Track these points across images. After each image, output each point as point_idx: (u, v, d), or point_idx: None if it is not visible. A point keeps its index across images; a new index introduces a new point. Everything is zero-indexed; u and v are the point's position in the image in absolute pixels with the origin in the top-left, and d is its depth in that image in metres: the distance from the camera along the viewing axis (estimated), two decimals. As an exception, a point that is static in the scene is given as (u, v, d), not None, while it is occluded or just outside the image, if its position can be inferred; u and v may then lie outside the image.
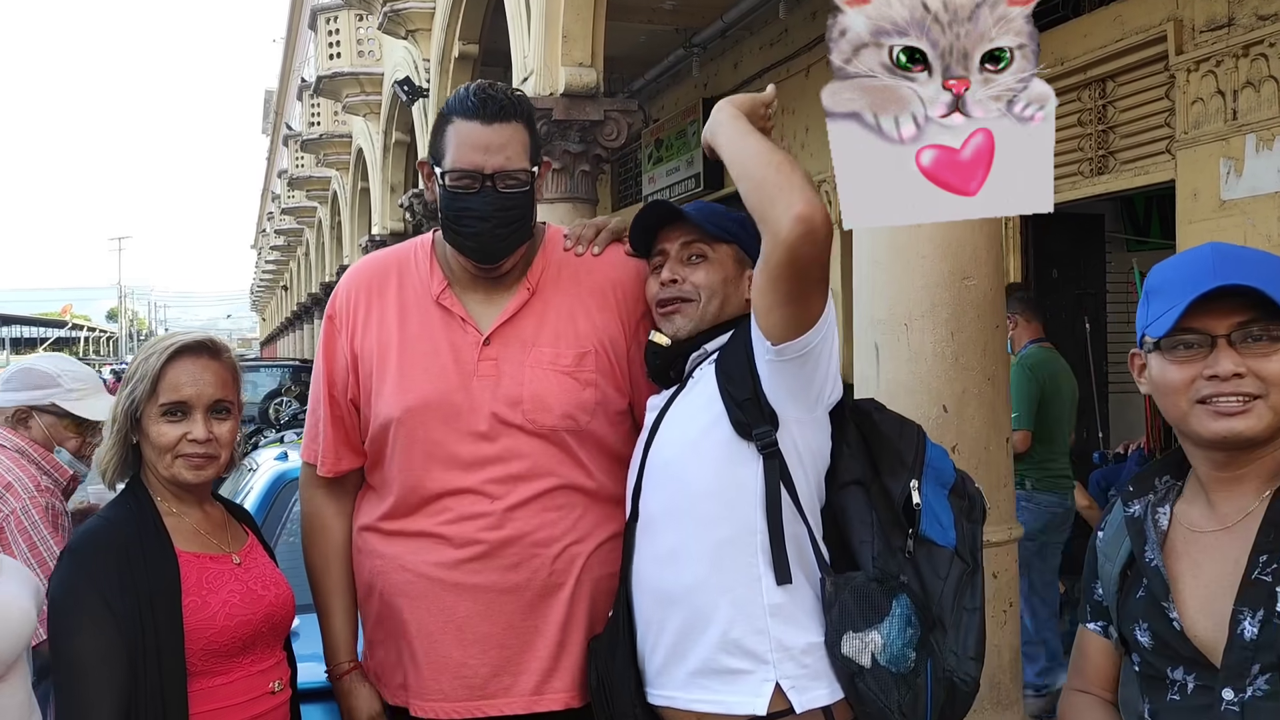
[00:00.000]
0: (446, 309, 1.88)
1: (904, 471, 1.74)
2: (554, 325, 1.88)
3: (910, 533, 1.72)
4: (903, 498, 1.73)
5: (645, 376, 1.89)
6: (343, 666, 1.95)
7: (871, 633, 1.64)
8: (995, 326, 3.04)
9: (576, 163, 6.51)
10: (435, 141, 1.86)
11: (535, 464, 1.84)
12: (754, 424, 1.68)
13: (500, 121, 1.80)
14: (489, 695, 1.84)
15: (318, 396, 1.97)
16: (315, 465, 1.99)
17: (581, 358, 1.86)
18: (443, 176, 1.82)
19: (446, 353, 1.86)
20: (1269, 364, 1.35)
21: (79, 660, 1.65)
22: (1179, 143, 5.71)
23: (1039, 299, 7.12)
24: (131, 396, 1.80)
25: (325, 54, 14.97)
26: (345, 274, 2.02)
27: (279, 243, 37.05)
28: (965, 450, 2.95)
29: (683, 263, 1.83)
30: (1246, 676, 1.30)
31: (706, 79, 10.61)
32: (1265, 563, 1.33)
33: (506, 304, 1.88)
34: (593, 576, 1.87)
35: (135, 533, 1.75)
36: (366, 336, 1.91)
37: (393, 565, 1.89)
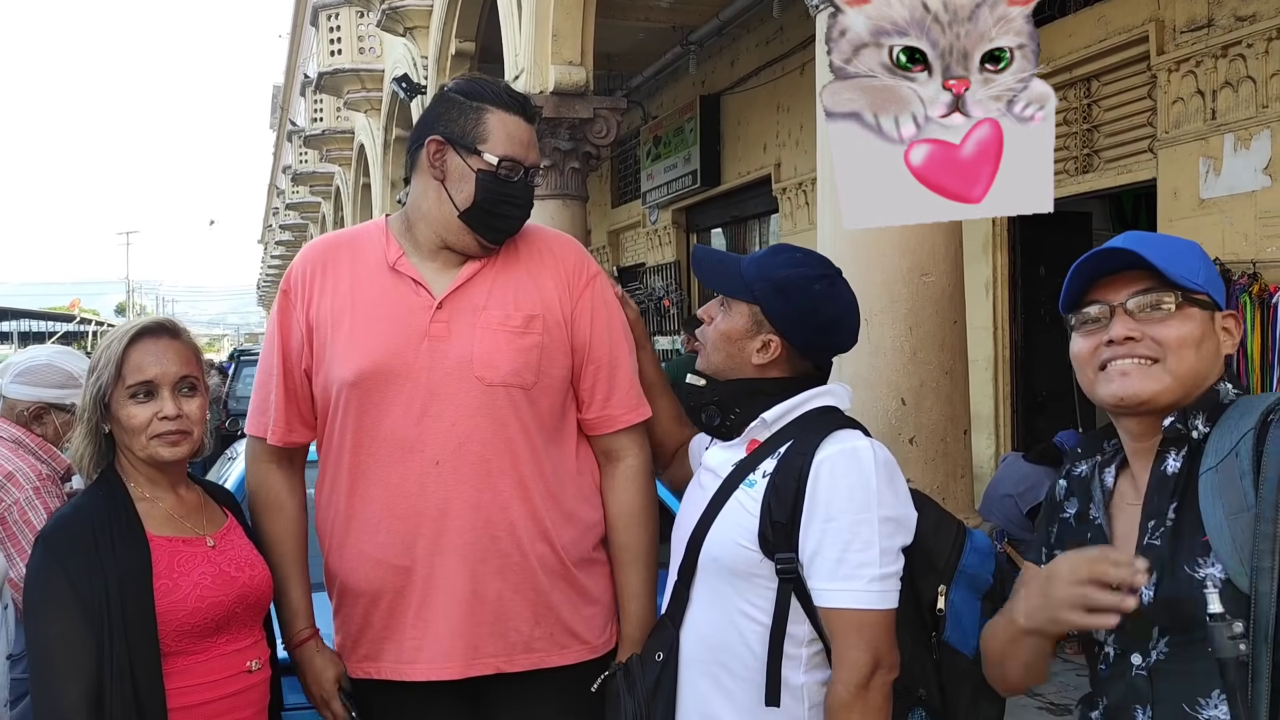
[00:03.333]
0: (400, 273, 1.95)
1: (934, 576, 1.71)
2: (503, 292, 1.95)
3: (934, 637, 1.70)
4: (930, 600, 1.70)
5: (585, 344, 1.98)
6: (302, 634, 2.01)
7: None
8: (954, 322, 3.12)
9: (566, 160, 6.58)
10: (464, 125, 1.92)
11: (483, 423, 1.89)
12: (779, 547, 1.65)
13: (532, 121, 1.98)
14: (433, 660, 1.90)
15: (269, 370, 2.01)
16: (264, 438, 2.03)
17: (530, 320, 1.93)
18: (497, 164, 1.91)
19: (400, 315, 1.92)
20: (1164, 329, 1.40)
21: (45, 645, 1.71)
22: (1160, 142, 5.77)
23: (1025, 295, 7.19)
24: (98, 384, 1.83)
25: (327, 50, 15.06)
26: (300, 252, 2.08)
27: (285, 238, 37.15)
28: (923, 442, 3.02)
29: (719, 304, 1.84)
30: (1149, 640, 1.35)
31: (704, 76, 10.67)
32: (1153, 528, 1.38)
33: (460, 272, 1.96)
34: (531, 536, 1.92)
35: (105, 518, 1.79)
36: (321, 306, 1.97)
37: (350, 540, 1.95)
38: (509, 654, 1.92)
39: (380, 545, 1.92)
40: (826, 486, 1.64)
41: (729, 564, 1.70)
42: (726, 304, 1.80)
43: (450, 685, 1.92)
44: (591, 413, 2.02)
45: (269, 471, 2.05)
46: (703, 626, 1.74)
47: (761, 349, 1.77)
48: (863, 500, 1.63)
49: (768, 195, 9.86)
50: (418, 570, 1.91)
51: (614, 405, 2.01)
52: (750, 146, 10.11)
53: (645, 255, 12.97)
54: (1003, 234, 7.02)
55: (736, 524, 1.70)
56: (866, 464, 1.65)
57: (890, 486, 1.65)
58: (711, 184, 10.76)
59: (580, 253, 2.08)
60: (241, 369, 14.19)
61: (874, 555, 1.62)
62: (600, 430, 2.02)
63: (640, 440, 2.04)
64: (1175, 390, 1.40)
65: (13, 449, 2.64)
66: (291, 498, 2.05)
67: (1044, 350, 7.08)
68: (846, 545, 1.62)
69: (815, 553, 1.64)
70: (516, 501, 1.91)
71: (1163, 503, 1.39)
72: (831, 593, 1.63)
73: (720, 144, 10.66)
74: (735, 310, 1.79)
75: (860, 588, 1.61)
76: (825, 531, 1.63)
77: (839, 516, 1.63)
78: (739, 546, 1.69)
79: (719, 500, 1.74)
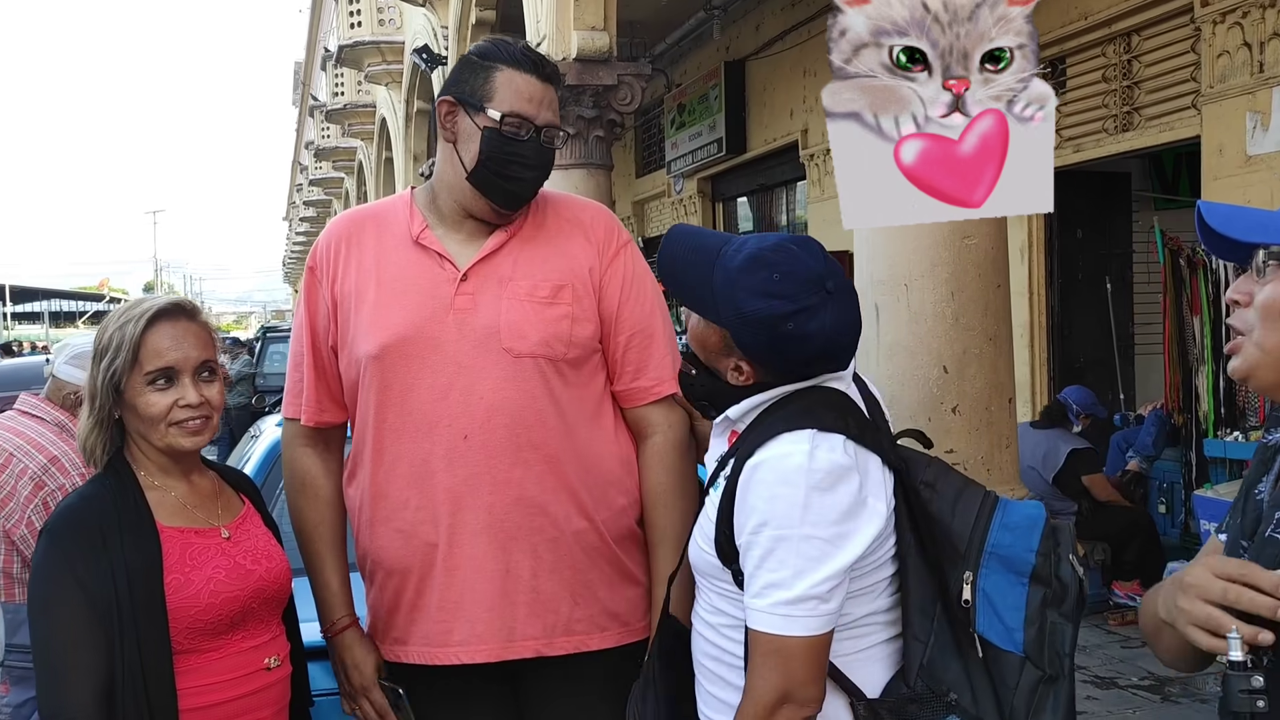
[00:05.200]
0: (425, 247, 1.91)
1: (959, 562, 1.49)
2: (530, 262, 1.90)
3: (972, 631, 1.48)
4: (957, 590, 1.48)
5: (613, 314, 1.92)
6: (341, 622, 1.95)
7: None
8: (997, 286, 3.00)
9: (590, 128, 6.47)
10: (474, 83, 1.86)
11: (512, 395, 1.84)
12: (733, 557, 1.51)
13: (549, 82, 1.88)
14: (466, 642, 1.85)
15: (299, 350, 1.98)
16: (298, 419, 1.99)
17: (558, 290, 1.88)
18: (500, 119, 1.83)
19: (424, 289, 1.88)
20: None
21: (54, 648, 1.64)
22: (1204, 97, 5.58)
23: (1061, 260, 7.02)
24: (111, 368, 1.72)
25: (346, 23, 14.97)
26: (326, 227, 2.05)
27: (308, 214, 37.27)
28: (966, 411, 2.92)
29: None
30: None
31: (728, 42, 10.49)
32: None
33: (486, 243, 1.90)
34: (567, 512, 1.87)
35: (113, 509, 1.71)
36: (345, 280, 1.93)
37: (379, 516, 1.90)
38: (548, 636, 1.87)
39: (408, 521, 1.87)
40: (753, 497, 1.47)
41: (700, 568, 1.60)
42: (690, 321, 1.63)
43: (487, 668, 1.87)
44: (621, 384, 1.95)
45: (304, 454, 2.00)
46: (701, 627, 1.64)
47: (735, 370, 1.57)
48: (785, 514, 1.43)
49: (794, 162, 9.70)
50: (447, 548, 1.85)
51: (645, 377, 1.94)
52: (776, 113, 9.93)
53: (670, 225, 12.85)
54: (1038, 197, 6.85)
55: (701, 529, 1.59)
56: (795, 475, 1.44)
57: (825, 501, 1.43)
58: (737, 152, 10.61)
59: (611, 220, 2.01)
60: (269, 345, 14.28)
61: (785, 576, 1.43)
62: (631, 403, 1.96)
63: (673, 416, 1.95)
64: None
65: (56, 432, 2.61)
66: (328, 481, 2.00)
67: (1082, 316, 6.92)
68: (761, 562, 1.45)
69: (744, 564, 1.48)
70: (549, 476, 1.86)
71: None
72: (748, 610, 1.47)
73: (745, 111, 10.49)
74: (707, 322, 1.58)
75: (766, 608, 1.44)
76: (748, 544, 1.47)
77: (760, 530, 1.45)
78: (703, 551, 1.58)
79: (701, 498, 1.65)
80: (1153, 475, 5.90)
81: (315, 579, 1.98)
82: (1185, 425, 5.69)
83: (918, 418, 2.81)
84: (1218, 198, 5.42)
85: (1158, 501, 5.88)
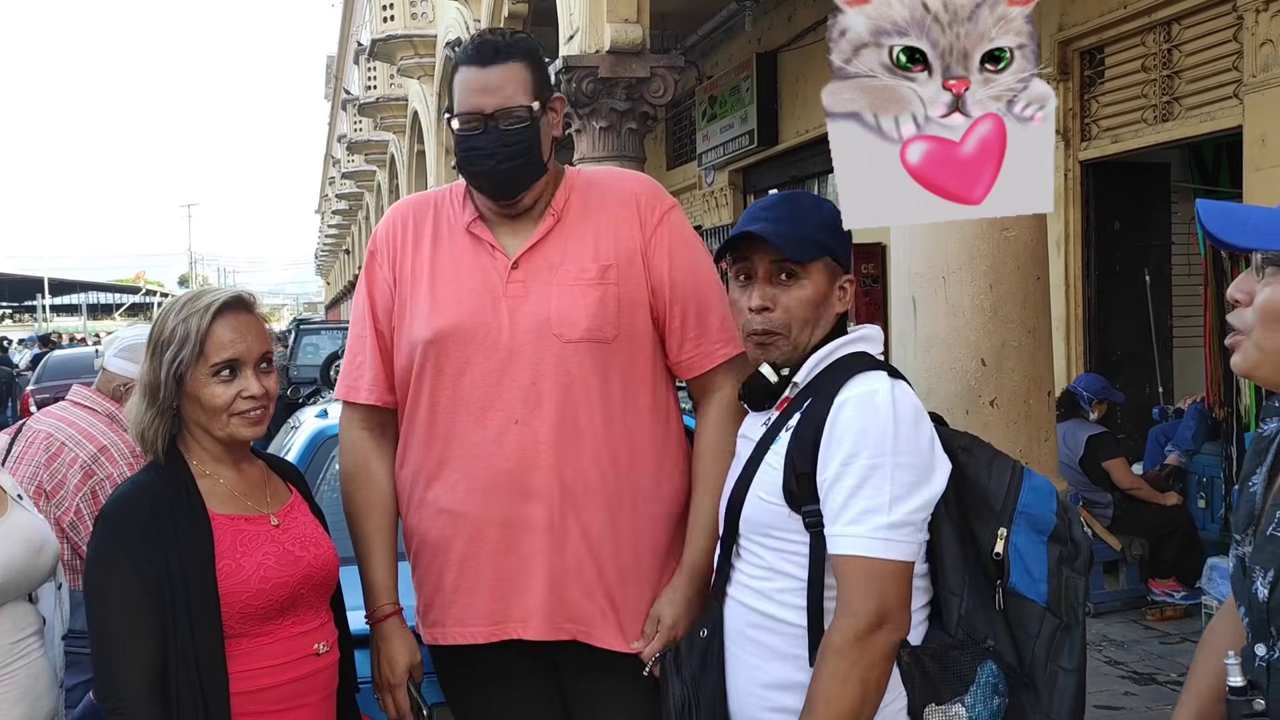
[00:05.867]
0: (476, 236, 1.95)
1: (992, 518, 1.62)
2: (578, 246, 1.92)
3: (999, 585, 1.61)
4: (989, 547, 1.61)
5: (664, 283, 1.93)
6: (384, 610, 1.97)
7: (955, 705, 1.54)
8: (1036, 278, 2.98)
9: (623, 120, 6.48)
10: (449, 92, 1.94)
11: (564, 381, 1.87)
12: (804, 500, 1.60)
13: (497, 63, 1.87)
14: (508, 619, 1.88)
15: (361, 333, 2.01)
16: (357, 403, 2.01)
17: (605, 270, 1.90)
18: (450, 121, 1.91)
19: (476, 276, 1.92)
20: None
21: (109, 631, 1.68)
22: (1247, 86, 5.49)
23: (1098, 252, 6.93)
24: (176, 360, 1.75)
25: (379, 17, 15.05)
26: (386, 212, 2.10)
27: (340, 207, 37.55)
28: (1004, 404, 2.91)
29: (771, 282, 1.70)
30: (1269, 637, 1.23)
31: (760, 34, 10.44)
32: None
33: (534, 232, 1.93)
34: (619, 500, 1.89)
35: (166, 497, 1.74)
36: (403, 264, 1.98)
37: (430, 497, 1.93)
38: (587, 625, 1.88)
39: (457, 502, 1.90)
40: (841, 430, 1.58)
41: (762, 523, 1.66)
42: (792, 274, 1.69)
43: (530, 646, 1.89)
44: (685, 353, 1.96)
45: (361, 438, 2.02)
46: (748, 595, 1.68)
47: (841, 295, 1.73)
48: (877, 444, 1.55)
49: (826, 154, 9.47)
50: (496, 530, 1.88)
51: (709, 340, 1.95)
52: (809, 104, 9.87)
53: (702, 218, 12.82)
54: (1075, 188, 6.77)
55: (765, 482, 1.66)
56: (885, 407, 1.57)
57: (913, 432, 1.57)
58: (769, 144, 10.56)
59: (653, 188, 2.03)
60: (302, 337, 14.40)
61: (883, 501, 1.53)
62: (699, 369, 1.96)
63: (732, 377, 1.93)
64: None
65: (107, 423, 2.66)
66: (382, 465, 2.02)
67: (1120, 308, 6.84)
68: (856, 490, 1.55)
69: (826, 497, 1.58)
70: (600, 459, 1.88)
71: None
72: (840, 538, 1.55)
73: (778, 102, 10.44)
74: (810, 273, 1.70)
75: (866, 533, 1.53)
76: (839, 476, 1.56)
77: (851, 460, 1.56)
78: (767, 504, 1.64)
79: (753, 464, 1.69)
80: (1192, 469, 5.83)
81: (363, 563, 1.99)
82: (1226, 419, 5.61)
83: (955, 411, 2.80)
84: (1259, 188, 5.34)
85: (1197, 496, 5.81)
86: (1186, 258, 6.98)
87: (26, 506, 1.84)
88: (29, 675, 1.73)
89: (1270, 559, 1.21)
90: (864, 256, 8.73)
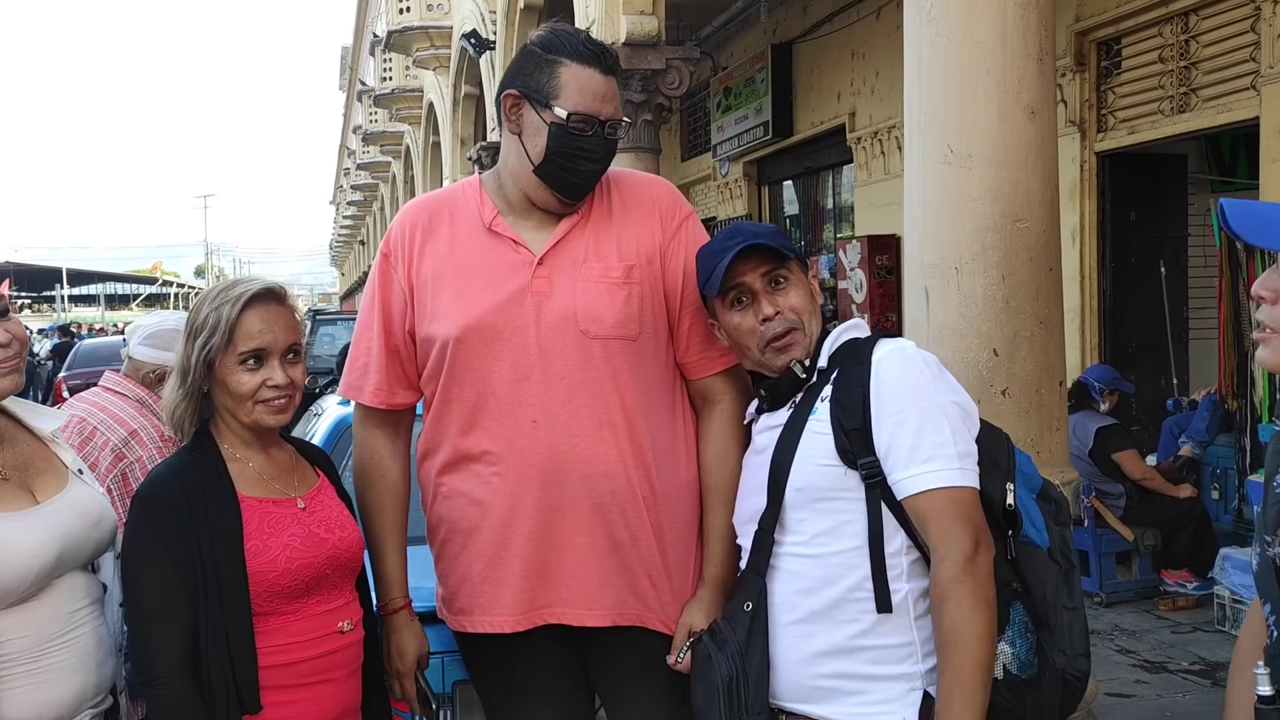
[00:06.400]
0: (499, 234, 1.96)
1: (999, 475, 1.73)
2: (602, 244, 1.96)
3: (1011, 535, 1.73)
4: (1000, 501, 1.72)
5: (679, 286, 1.99)
6: (396, 603, 2.04)
7: (1000, 644, 1.64)
8: (1049, 269, 3.00)
9: (639, 112, 6.51)
10: (539, 79, 1.91)
11: (592, 375, 1.90)
12: (859, 453, 1.70)
13: (612, 74, 1.93)
14: (538, 606, 1.93)
15: (369, 334, 2.03)
16: (364, 403, 2.05)
17: (630, 270, 1.94)
18: (567, 117, 1.88)
19: (502, 274, 1.93)
20: None
21: (143, 609, 1.74)
22: (1264, 78, 5.48)
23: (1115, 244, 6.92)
24: (207, 346, 1.82)
25: (395, 8, 15.08)
26: (398, 214, 2.10)
27: (355, 198, 37.67)
28: (1016, 394, 2.93)
29: (771, 291, 1.83)
30: None
31: (775, 24, 10.44)
32: None
33: (557, 228, 1.96)
34: (646, 491, 1.93)
35: (198, 479, 1.81)
36: (422, 266, 1.98)
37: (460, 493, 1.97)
38: (617, 608, 1.93)
39: (492, 493, 1.93)
40: (888, 382, 1.71)
41: (816, 489, 1.73)
42: (784, 278, 1.84)
43: (556, 629, 1.94)
44: (691, 355, 2.00)
45: (374, 435, 2.06)
46: (797, 563, 1.76)
47: (815, 288, 1.90)
48: (925, 389, 1.70)
49: (841, 145, 9.65)
50: (527, 521, 1.92)
51: (715, 346, 1.98)
52: (824, 96, 9.88)
53: (716, 209, 12.84)
54: (1091, 179, 6.77)
55: (814, 448, 1.74)
56: (918, 357, 1.76)
57: (945, 377, 1.75)
58: (784, 135, 10.57)
59: (674, 194, 2.08)
60: (318, 327, 14.50)
61: (947, 436, 1.67)
62: (701, 373, 2.01)
63: (737, 385, 2.00)
64: None
65: (137, 408, 2.72)
66: (395, 463, 2.06)
67: (1135, 300, 6.83)
68: (919, 432, 1.67)
69: (890, 446, 1.68)
70: (627, 453, 1.92)
71: None
72: (915, 478, 1.66)
73: (792, 94, 10.45)
74: (795, 273, 1.85)
75: (943, 466, 1.65)
76: (898, 424, 1.68)
77: (906, 407, 1.69)
78: (822, 467, 1.73)
79: (789, 440, 1.78)
80: (1206, 461, 5.83)
81: (375, 558, 2.05)
82: (1239, 410, 5.61)
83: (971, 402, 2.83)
84: (1276, 180, 5.33)
85: (1211, 487, 5.81)
86: (1203, 249, 6.96)
87: (87, 480, 1.90)
88: (86, 644, 1.78)
89: None
90: (879, 248, 8.74)
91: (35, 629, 1.70)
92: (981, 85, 2.92)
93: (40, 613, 1.71)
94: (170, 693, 1.72)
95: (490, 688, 2.07)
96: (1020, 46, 2.92)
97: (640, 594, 1.94)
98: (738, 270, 1.81)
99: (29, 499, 1.76)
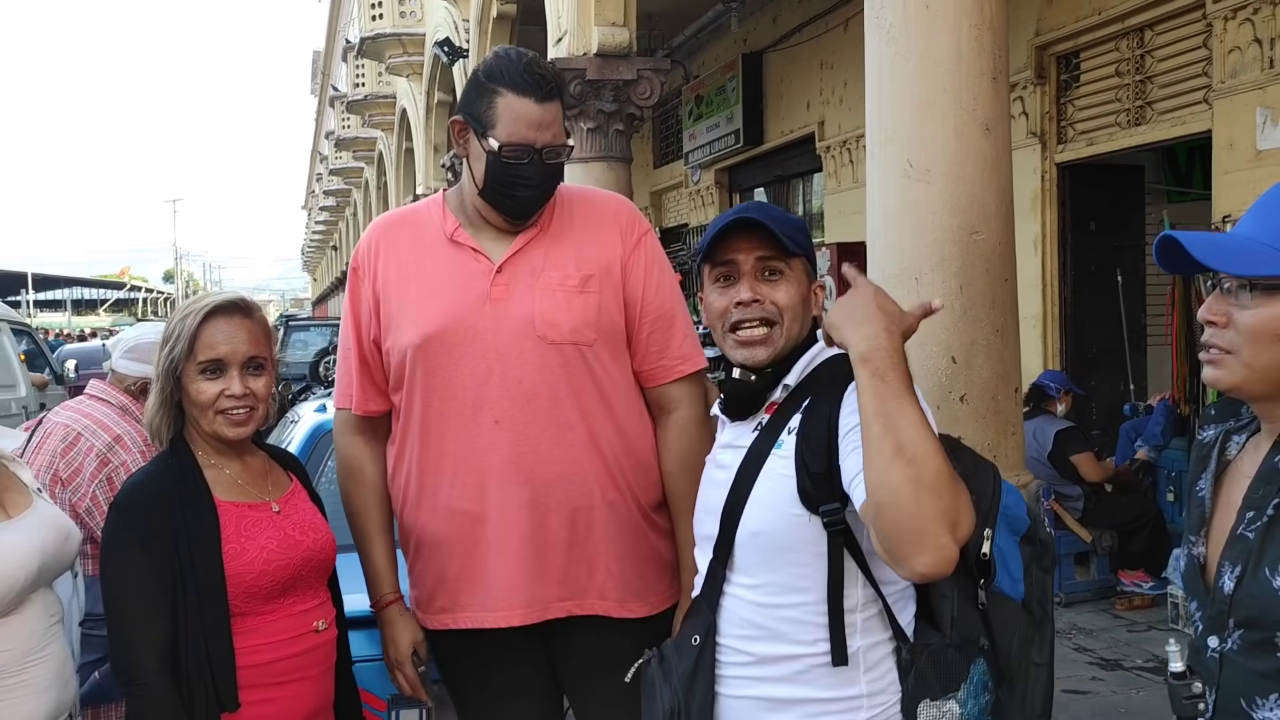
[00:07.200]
0: (459, 244, 2.04)
1: (980, 519, 1.55)
2: (560, 253, 2.03)
3: (983, 585, 1.63)
4: (975, 548, 1.58)
5: (638, 298, 2.03)
6: (386, 598, 2.11)
7: (949, 702, 1.57)
8: (1004, 280, 3.11)
9: (610, 122, 6.57)
10: (479, 107, 1.96)
11: (549, 379, 1.97)
12: (821, 499, 1.55)
13: (550, 101, 1.96)
14: (510, 607, 1.99)
15: (347, 344, 2.12)
16: (348, 409, 2.13)
17: (587, 279, 2.01)
18: (499, 148, 1.94)
19: (462, 282, 2.00)
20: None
21: (124, 612, 1.80)
22: (1216, 92, 5.64)
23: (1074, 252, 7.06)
24: (171, 356, 1.89)
25: (368, 14, 15.08)
26: (366, 230, 2.18)
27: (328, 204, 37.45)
28: (974, 400, 3.04)
29: (759, 279, 1.68)
30: (1225, 629, 1.29)
31: (746, 34, 10.56)
32: (1250, 519, 1.28)
33: (516, 239, 2.03)
34: (604, 486, 2.00)
35: (175, 485, 1.86)
36: (387, 278, 2.06)
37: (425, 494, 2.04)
38: (579, 598, 2.00)
39: (455, 496, 2.00)
40: (851, 418, 1.52)
41: (774, 536, 1.61)
42: (779, 271, 1.68)
43: (525, 628, 2.01)
44: (648, 364, 2.07)
45: (353, 442, 2.14)
46: (745, 608, 1.64)
47: (815, 299, 1.72)
48: None
49: (811, 154, 9.77)
50: (491, 520, 1.99)
51: (669, 356, 2.06)
52: (793, 105, 10.01)
53: (688, 216, 12.94)
54: (1052, 190, 6.92)
55: (774, 491, 1.61)
56: None
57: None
58: (754, 143, 10.69)
59: (632, 211, 2.15)
60: (290, 333, 14.44)
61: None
62: (656, 381, 2.08)
63: (694, 393, 2.09)
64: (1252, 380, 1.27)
65: (121, 414, 2.78)
66: (374, 466, 2.13)
67: (1094, 307, 6.99)
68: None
69: (857, 472, 1.48)
70: (587, 453, 1.99)
71: (1266, 495, 1.27)
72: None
73: (763, 102, 10.57)
74: (795, 271, 1.69)
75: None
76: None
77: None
78: (783, 514, 1.59)
79: (748, 472, 1.64)
80: (1161, 464, 5.99)
81: (364, 557, 2.12)
82: (1191, 415, 5.77)
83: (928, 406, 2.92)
84: (1228, 192, 5.49)
85: (1166, 490, 5.97)
86: (1159, 258, 7.13)
87: (46, 499, 1.94)
88: (58, 660, 1.82)
89: (1239, 555, 1.28)
90: (848, 255, 8.85)
91: (18, 643, 1.75)
92: (939, 102, 3.02)
93: (20, 627, 1.76)
94: (150, 693, 1.77)
95: (464, 685, 2.14)
96: (975, 65, 3.03)
97: (599, 587, 2.01)
98: (734, 244, 1.68)
99: (1, 513, 1.81)
